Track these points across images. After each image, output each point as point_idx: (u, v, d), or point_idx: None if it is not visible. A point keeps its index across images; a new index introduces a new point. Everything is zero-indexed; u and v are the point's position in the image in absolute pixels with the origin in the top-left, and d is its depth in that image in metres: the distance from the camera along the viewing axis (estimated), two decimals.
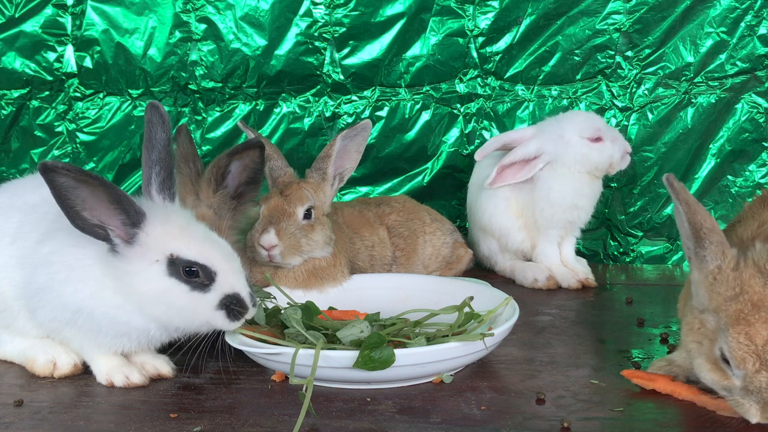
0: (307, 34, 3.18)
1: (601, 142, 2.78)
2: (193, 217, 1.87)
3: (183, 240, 1.76)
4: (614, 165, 2.83)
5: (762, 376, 1.51)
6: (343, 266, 2.40)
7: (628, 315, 2.45)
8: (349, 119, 3.28)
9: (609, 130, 2.84)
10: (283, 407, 1.73)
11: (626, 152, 2.84)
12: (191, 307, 1.76)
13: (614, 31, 3.14)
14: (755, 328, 1.51)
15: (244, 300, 1.79)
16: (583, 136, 2.77)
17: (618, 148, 2.80)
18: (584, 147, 2.78)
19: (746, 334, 1.52)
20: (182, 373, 1.96)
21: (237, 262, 1.83)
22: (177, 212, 1.83)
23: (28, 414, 1.73)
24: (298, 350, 1.72)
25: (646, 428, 1.64)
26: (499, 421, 1.67)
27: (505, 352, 2.08)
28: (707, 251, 1.59)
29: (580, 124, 2.80)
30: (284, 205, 2.28)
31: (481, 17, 3.18)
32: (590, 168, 2.80)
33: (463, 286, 2.30)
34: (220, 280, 1.76)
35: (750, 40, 3.09)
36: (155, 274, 1.74)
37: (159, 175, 1.82)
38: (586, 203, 2.85)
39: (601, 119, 2.88)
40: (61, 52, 3.19)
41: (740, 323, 1.53)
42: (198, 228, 1.82)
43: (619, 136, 2.84)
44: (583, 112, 3.00)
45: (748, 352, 1.51)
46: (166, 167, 1.82)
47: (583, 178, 2.81)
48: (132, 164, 3.26)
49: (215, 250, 1.78)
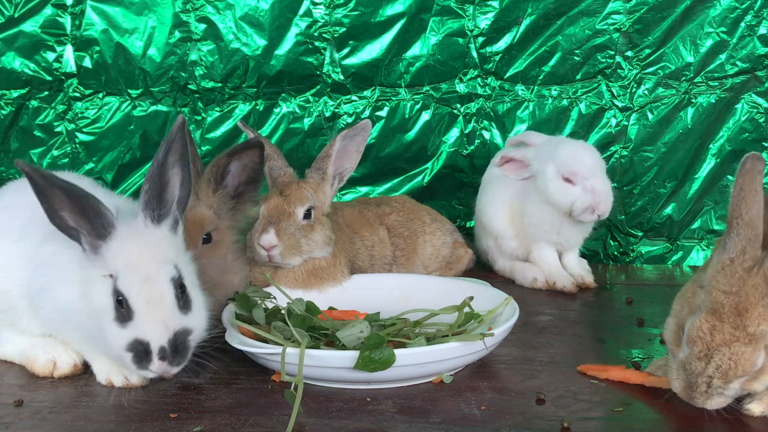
0: (307, 34, 3.18)
1: (570, 184, 2.66)
2: (164, 254, 1.73)
3: (127, 267, 1.68)
4: (574, 213, 2.66)
5: (699, 364, 1.60)
6: (343, 266, 2.40)
7: (628, 315, 2.45)
8: (349, 119, 3.28)
9: (591, 179, 2.63)
10: (283, 407, 1.73)
11: (594, 210, 2.63)
12: (109, 335, 1.69)
13: (614, 31, 3.14)
14: (722, 327, 1.59)
15: (151, 351, 1.66)
16: (558, 171, 2.67)
17: (585, 200, 2.62)
18: (553, 180, 2.67)
19: (711, 326, 1.59)
20: (182, 373, 1.95)
21: (166, 313, 1.68)
22: (146, 237, 1.73)
23: (28, 414, 1.73)
24: (286, 349, 1.73)
25: (646, 428, 1.64)
26: (499, 421, 1.67)
27: (505, 352, 2.08)
28: (730, 240, 1.61)
29: (564, 158, 2.66)
30: (284, 205, 2.28)
31: (481, 17, 3.18)
32: (550, 202, 2.70)
33: (463, 286, 2.30)
34: (136, 322, 1.67)
35: (750, 40, 3.09)
36: (101, 288, 1.70)
37: (146, 193, 1.74)
38: (571, 234, 2.78)
39: (594, 164, 2.67)
40: (61, 52, 3.18)
41: (714, 315, 1.60)
42: (150, 264, 1.70)
43: (599, 192, 2.62)
44: (585, 148, 2.74)
45: (702, 340, 1.60)
46: (156, 188, 1.73)
47: (562, 214, 2.71)
48: (132, 164, 3.25)
49: (147, 293, 1.67)
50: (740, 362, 1.58)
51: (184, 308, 1.72)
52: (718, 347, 1.58)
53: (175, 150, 1.74)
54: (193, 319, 1.74)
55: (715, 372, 1.59)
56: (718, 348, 1.58)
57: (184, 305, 1.73)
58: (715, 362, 1.59)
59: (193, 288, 1.78)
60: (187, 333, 1.71)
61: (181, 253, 1.82)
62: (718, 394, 1.62)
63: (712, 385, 1.60)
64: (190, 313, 1.74)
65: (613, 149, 3.22)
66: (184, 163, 1.77)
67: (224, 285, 2.24)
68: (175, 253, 1.77)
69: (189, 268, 1.82)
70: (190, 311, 1.74)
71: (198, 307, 1.77)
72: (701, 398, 1.63)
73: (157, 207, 1.74)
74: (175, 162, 1.76)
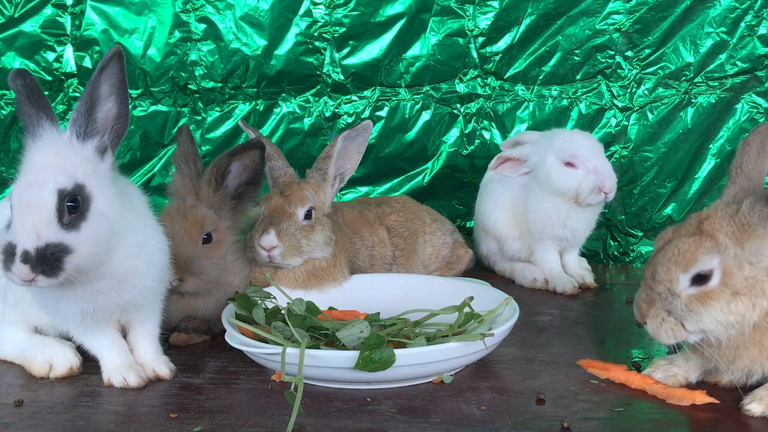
0: (307, 34, 3.18)
1: (572, 168, 2.67)
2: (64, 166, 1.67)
3: (24, 172, 1.67)
4: (581, 196, 2.67)
5: (651, 262, 1.72)
6: (343, 266, 2.40)
7: (628, 315, 2.45)
8: (349, 119, 3.28)
9: (592, 160, 2.65)
10: (283, 407, 1.73)
11: (600, 189, 2.64)
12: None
13: (614, 31, 3.14)
14: (679, 230, 1.71)
15: (15, 254, 1.58)
16: (559, 158, 2.68)
17: (590, 181, 2.64)
18: (554, 168, 2.69)
19: (673, 230, 1.72)
20: (182, 373, 1.96)
21: (39, 219, 1.60)
22: (56, 147, 1.70)
23: (28, 414, 1.73)
24: (286, 349, 1.73)
25: (646, 428, 1.64)
26: (499, 421, 1.67)
27: (505, 352, 2.08)
28: (726, 187, 1.75)
29: (562, 145, 2.69)
30: (285, 205, 2.28)
31: (481, 17, 3.18)
32: (555, 191, 2.70)
33: (463, 286, 2.30)
34: (12, 224, 1.62)
35: (750, 40, 3.09)
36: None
37: (76, 110, 1.72)
38: (578, 225, 2.77)
39: (593, 146, 2.71)
40: (61, 52, 3.18)
41: (679, 228, 1.72)
42: (41, 171, 1.64)
43: (601, 171, 2.64)
44: (582, 134, 2.79)
45: (662, 238, 1.73)
46: (85, 106, 1.71)
47: (569, 202, 2.71)
48: (132, 164, 3.25)
49: (26, 196, 1.61)
50: (685, 251, 1.64)
51: (69, 225, 1.62)
52: (670, 240, 1.68)
53: (109, 80, 1.70)
54: (76, 238, 1.63)
55: (662, 262, 1.65)
56: (670, 241, 1.68)
57: (71, 223, 1.63)
58: (664, 253, 1.66)
59: (99, 216, 1.68)
60: (63, 249, 1.60)
61: (102, 177, 1.73)
62: (664, 309, 1.66)
63: (656, 288, 1.67)
64: (75, 231, 1.63)
65: (613, 149, 3.22)
66: (121, 97, 1.73)
67: (224, 285, 2.25)
68: (84, 171, 1.68)
69: (112, 197, 1.73)
70: (77, 230, 1.63)
71: (91, 230, 1.65)
72: (645, 306, 1.70)
73: (83, 124, 1.71)
74: (111, 93, 1.72)
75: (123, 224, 1.75)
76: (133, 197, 1.90)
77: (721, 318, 1.63)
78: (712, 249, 1.62)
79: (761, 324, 1.64)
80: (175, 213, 2.19)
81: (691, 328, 1.66)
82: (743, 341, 1.66)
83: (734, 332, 1.64)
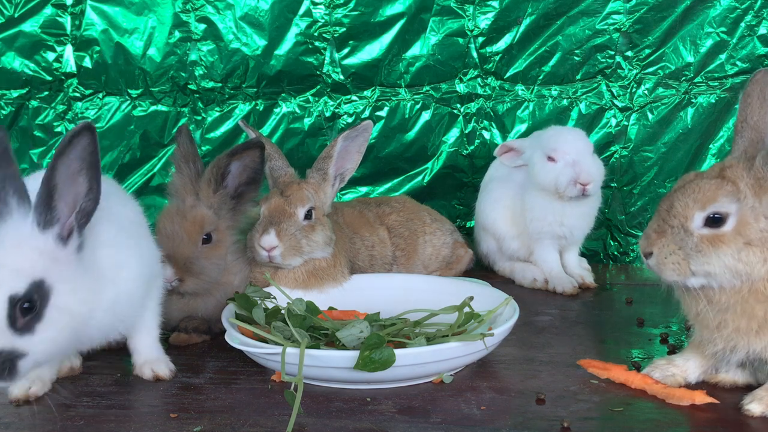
0: (307, 34, 3.18)
1: (552, 162, 2.67)
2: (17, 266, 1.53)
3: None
4: (560, 189, 2.65)
5: (664, 204, 1.71)
6: (343, 266, 2.40)
7: (628, 315, 2.45)
8: (349, 119, 3.28)
9: (572, 154, 2.64)
10: (283, 407, 1.73)
11: (578, 182, 2.61)
12: None
13: (614, 31, 3.14)
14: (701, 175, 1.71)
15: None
16: (543, 153, 2.70)
17: (567, 174, 2.62)
18: (538, 163, 2.70)
19: (693, 176, 1.72)
20: (182, 373, 1.96)
21: None
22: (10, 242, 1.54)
23: (28, 414, 1.73)
24: (286, 349, 1.73)
25: (646, 428, 1.64)
26: (499, 421, 1.67)
27: (505, 352, 2.08)
28: (734, 143, 1.74)
29: (547, 140, 2.70)
30: (285, 205, 2.28)
31: (481, 17, 3.18)
32: (538, 185, 2.71)
33: (463, 286, 2.30)
34: None
35: (750, 40, 3.09)
36: None
37: (37, 195, 1.56)
38: (574, 222, 2.76)
39: (576, 140, 2.69)
40: (61, 52, 3.18)
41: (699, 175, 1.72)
42: None
43: (579, 163, 2.63)
44: (569, 129, 2.80)
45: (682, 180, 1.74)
46: (45, 192, 1.55)
47: (554, 197, 2.70)
48: (131, 164, 3.25)
49: None
50: (705, 190, 1.64)
51: (23, 329, 1.50)
52: (692, 180, 1.69)
53: (78, 155, 1.56)
54: (30, 342, 1.52)
55: (680, 197, 1.66)
56: (692, 181, 1.68)
57: (25, 326, 1.51)
58: (684, 190, 1.67)
59: (57, 312, 1.54)
60: (16, 355, 1.50)
61: (64, 265, 1.58)
62: (674, 243, 1.66)
63: (669, 221, 1.66)
64: (29, 335, 1.51)
65: (613, 149, 3.22)
66: (92, 173, 1.59)
67: (224, 285, 2.25)
68: (43, 265, 1.54)
69: (76, 281, 1.60)
70: (31, 333, 1.51)
71: (47, 332, 1.53)
72: (654, 235, 1.68)
73: (43, 212, 1.55)
74: (81, 168, 1.58)
75: (95, 293, 1.65)
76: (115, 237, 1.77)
77: (730, 264, 1.62)
78: (733, 194, 1.63)
79: (758, 287, 1.63)
80: (175, 213, 2.19)
81: (696, 269, 1.65)
82: (735, 302, 1.65)
83: (738, 283, 1.63)
